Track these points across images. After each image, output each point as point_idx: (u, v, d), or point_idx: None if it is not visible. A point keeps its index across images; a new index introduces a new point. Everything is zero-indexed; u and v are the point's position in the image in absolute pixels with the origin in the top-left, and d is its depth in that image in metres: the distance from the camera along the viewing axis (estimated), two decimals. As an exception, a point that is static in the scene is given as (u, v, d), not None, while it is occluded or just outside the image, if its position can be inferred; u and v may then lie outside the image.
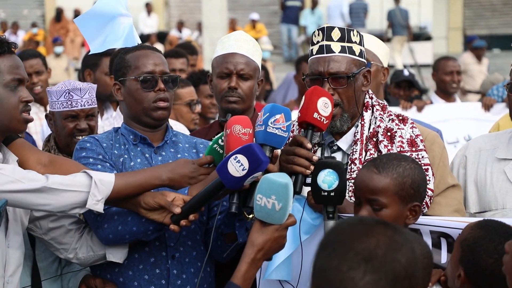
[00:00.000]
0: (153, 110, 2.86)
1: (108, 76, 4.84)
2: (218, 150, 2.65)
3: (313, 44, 2.84)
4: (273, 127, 2.49)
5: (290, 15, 19.30)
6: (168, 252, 2.83)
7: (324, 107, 2.58)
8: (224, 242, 2.83)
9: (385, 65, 3.57)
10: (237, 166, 2.38)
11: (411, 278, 1.52)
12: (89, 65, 4.96)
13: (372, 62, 3.49)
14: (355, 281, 1.47)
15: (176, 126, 4.36)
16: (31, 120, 2.63)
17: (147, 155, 2.90)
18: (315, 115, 2.57)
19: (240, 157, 2.37)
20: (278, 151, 2.58)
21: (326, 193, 2.48)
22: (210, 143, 2.70)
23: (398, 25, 17.71)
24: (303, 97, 2.63)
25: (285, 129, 2.50)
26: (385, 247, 1.51)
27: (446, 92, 6.67)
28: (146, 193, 2.63)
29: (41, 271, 2.97)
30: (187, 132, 4.20)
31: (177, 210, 2.53)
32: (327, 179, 2.48)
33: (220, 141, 2.65)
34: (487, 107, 6.01)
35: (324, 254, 1.52)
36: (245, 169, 2.37)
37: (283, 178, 2.26)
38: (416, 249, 1.56)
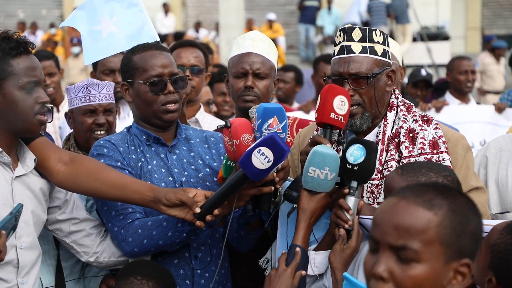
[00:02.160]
0: (163, 113, 2.87)
1: (107, 76, 4.87)
2: (233, 165, 2.68)
3: (335, 45, 2.83)
4: (268, 133, 2.52)
5: (308, 15, 19.27)
6: (191, 253, 2.84)
7: (340, 105, 2.58)
8: (246, 232, 2.83)
9: (401, 64, 3.55)
10: (262, 158, 2.43)
11: (471, 240, 1.63)
12: (93, 66, 5.03)
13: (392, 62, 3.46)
14: (433, 195, 1.65)
15: (215, 121, 4.31)
16: (45, 121, 2.63)
17: (162, 156, 2.91)
18: (332, 115, 2.57)
19: (264, 149, 2.42)
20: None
21: (350, 166, 2.50)
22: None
23: (401, 14, 17.65)
24: (319, 97, 2.62)
25: (281, 131, 2.54)
26: (469, 202, 1.69)
27: (461, 92, 6.63)
28: (168, 189, 2.64)
29: (65, 270, 2.99)
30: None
31: (197, 210, 2.54)
32: (355, 153, 2.51)
33: None
34: (500, 110, 5.97)
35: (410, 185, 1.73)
36: (270, 160, 2.43)
37: (331, 150, 2.50)
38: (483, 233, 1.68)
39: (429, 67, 15.03)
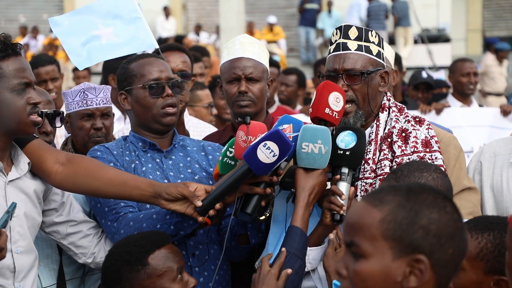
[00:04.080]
0: (162, 116, 2.90)
1: None
2: (230, 162, 2.67)
3: (331, 43, 2.85)
4: None
5: (308, 18, 19.30)
6: (188, 250, 2.83)
7: (335, 101, 2.59)
8: (237, 244, 2.84)
9: (393, 67, 3.55)
10: (268, 153, 2.44)
11: (426, 236, 1.60)
12: (112, 70, 5.04)
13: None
14: (386, 193, 1.67)
15: (200, 125, 4.38)
16: (39, 122, 2.63)
17: (157, 160, 2.92)
18: (327, 110, 2.58)
19: (270, 143, 2.43)
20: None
21: (341, 152, 2.56)
22: (221, 151, 2.71)
23: (402, 16, 17.66)
24: (315, 92, 2.64)
25: (290, 139, 2.54)
26: (433, 198, 1.64)
27: (463, 94, 6.62)
28: (168, 183, 2.63)
29: (67, 275, 2.98)
30: (212, 129, 4.25)
31: (199, 203, 2.52)
32: (345, 139, 2.57)
33: (228, 152, 2.68)
34: (506, 113, 5.94)
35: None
36: (276, 155, 2.44)
37: (319, 126, 2.51)
38: (455, 234, 1.64)
39: (430, 69, 15.02)
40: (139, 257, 2.44)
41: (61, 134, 5.09)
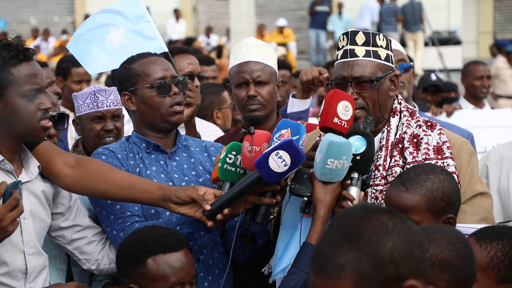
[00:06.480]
0: (171, 115, 2.88)
1: None
2: (230, 169, 2.66)
3: (338, 49, 2.83)
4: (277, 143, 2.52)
5: (319, 20, 19.31)
6: (193, 256, 2.82)
7: (344, 110, 2.58)
8: (242, 245, 2.84)
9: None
10: (279, 162, 2.43)
11: (397, 264, 1.49)
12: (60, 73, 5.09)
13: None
14: (337, 257, 1.50)
15: (202, 124, 4.36)
16: (49, 127, 2.63)
17: (161, 162, 2.91)
18: (335, 119, 2.57)
19: (282, 153, 2.43)
20: None
21: (352, 157, 2.53)
22: (221, 157, 2.69)
23: (411, 20, 17.57)
24: (323, 101, 2.62)
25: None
26: (373, 229, 1.51)
27: (475, 97, 6.56)
28: (177, 187, 2.63)
29: (75, 276, 2.98)
30: (216, 129, 4.26)
31: (208, 207, 2.53)
32: (355, 144, 2.56)
33: (227, 159, 2.65)
34: None
35: (324, 232, 1.59)
36: (287, 165, 2.43)
37: (342, 138, 2.49)
38: (414, 239, 1.53)
39: (440, 71, 14.97)
40: (140, 255, 2.42)
41: (72, 136, 5.12)
